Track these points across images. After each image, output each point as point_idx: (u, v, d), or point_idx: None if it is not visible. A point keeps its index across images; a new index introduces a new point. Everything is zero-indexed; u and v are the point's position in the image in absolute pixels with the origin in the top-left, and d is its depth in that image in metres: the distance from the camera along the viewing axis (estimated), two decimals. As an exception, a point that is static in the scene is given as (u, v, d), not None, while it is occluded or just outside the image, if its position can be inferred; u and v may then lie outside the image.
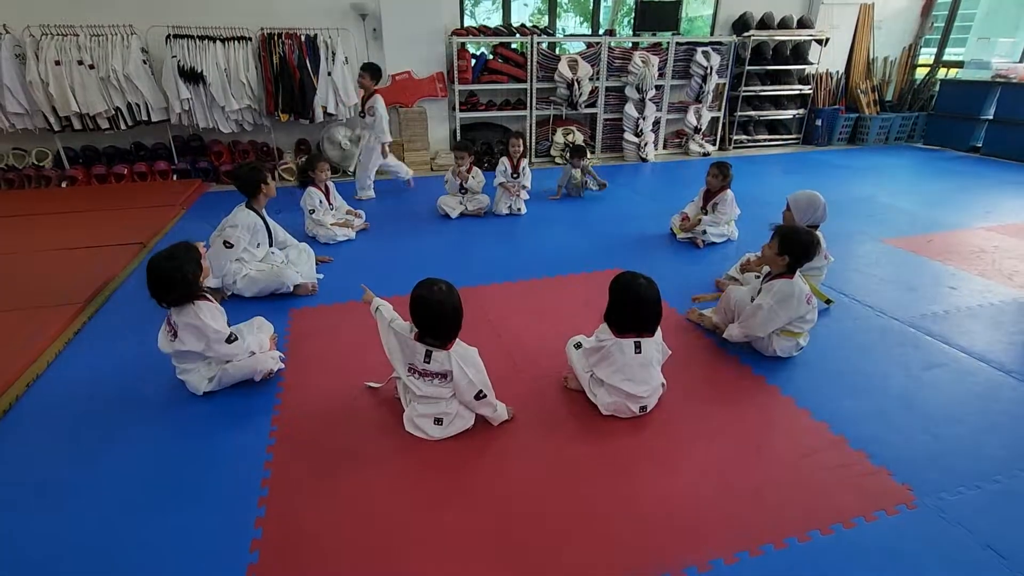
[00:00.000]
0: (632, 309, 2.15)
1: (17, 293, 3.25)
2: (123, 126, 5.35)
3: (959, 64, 7.85)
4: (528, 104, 6.56)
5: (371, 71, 5.07)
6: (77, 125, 5.23)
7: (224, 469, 1.99)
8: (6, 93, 4.93)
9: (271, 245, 3.38)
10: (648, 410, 2.24)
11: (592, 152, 6.82)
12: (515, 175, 4.78)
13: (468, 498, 1.87)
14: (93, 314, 3.11)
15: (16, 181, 5.38)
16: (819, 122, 7.70)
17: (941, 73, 7.93)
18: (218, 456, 2.05)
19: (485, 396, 2.07)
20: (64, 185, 5.43)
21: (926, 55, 8.15)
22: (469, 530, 1.74)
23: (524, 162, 4.78)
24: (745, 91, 7.26)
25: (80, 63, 5.01)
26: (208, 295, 2.32)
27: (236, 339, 2.32)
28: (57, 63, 4.96)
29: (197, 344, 2.24)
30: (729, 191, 4.02)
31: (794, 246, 2.48)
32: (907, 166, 6.76)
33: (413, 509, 1.82)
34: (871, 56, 7.91)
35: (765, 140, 7.78)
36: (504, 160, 4.78)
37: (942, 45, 8.01)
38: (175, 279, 2.16)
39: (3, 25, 4.93)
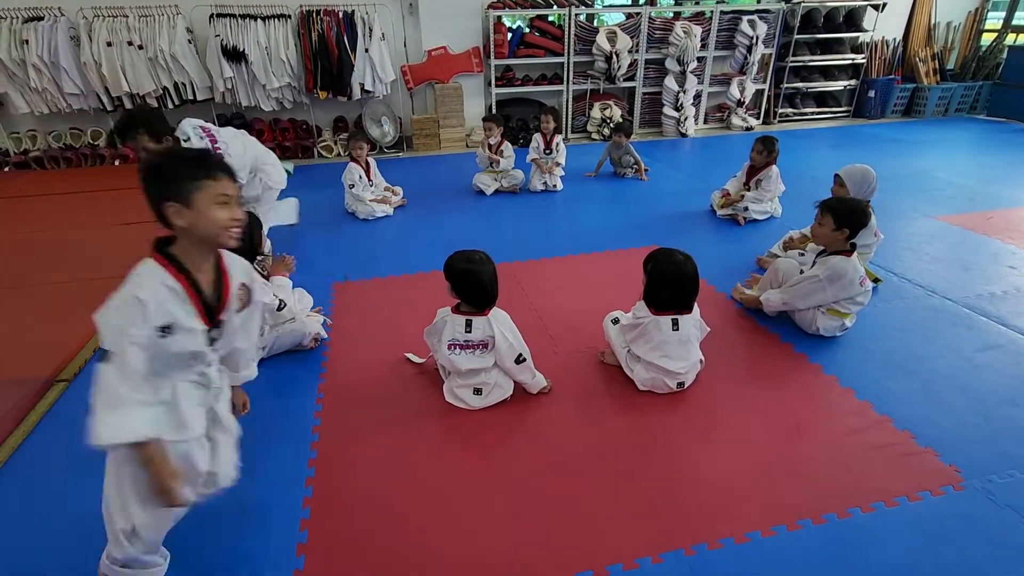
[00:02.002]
0: (670, 287, 2.13)
1: (82, 265, 3.46)
2: (170, 105, 5.53)
3: (1030, 29, 7.30)
4: (565, 78, 6.45)
5: (149, 130, 2.59)
6: (128, 104, 5.44)
7: (276, 431, 2.09)
8: (63, 74, 5.15)
9: None
10: (686, 386, 2.24)
11: (630, 130, 6.67)
12: (548, 151, 4.73)
13: (506, 465, 1.92)
14: (150, 285, 3.28)
15: (74, 159, 5.65)
16: (872, 93, 7.30)
17: (1010, 39, 7.38)
18: (269, 419, 2.16)
19: (525, 360, 2.12)
20: (117, 163, 5.68)
21: (994, 19, 7.59)
22: (507, 495, 1.79)
23: (558, 138, 4.72)
24: (793, 61, 6.94)
25: (130, 44, 5.18)
26: (258, 267, 2.43)
27: (285, 306, 2.44)
28: (109, 44, 5.14)
29: None
30: (774, 167, 3.90)
31: (850, 216, 2.39)
32: (968, 139, 6.38)
33: (452, 474, 1.89)
34: (932, 21, 7.42)
35: (813, 113, 7.45)
36: (537, 136, 4.73)
37: (1012, 8, 7.44)
38: (242, 241, 2.28)
39: (59, 8, 5.13)
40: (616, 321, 2.42)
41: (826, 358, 2.45)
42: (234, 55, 5.35)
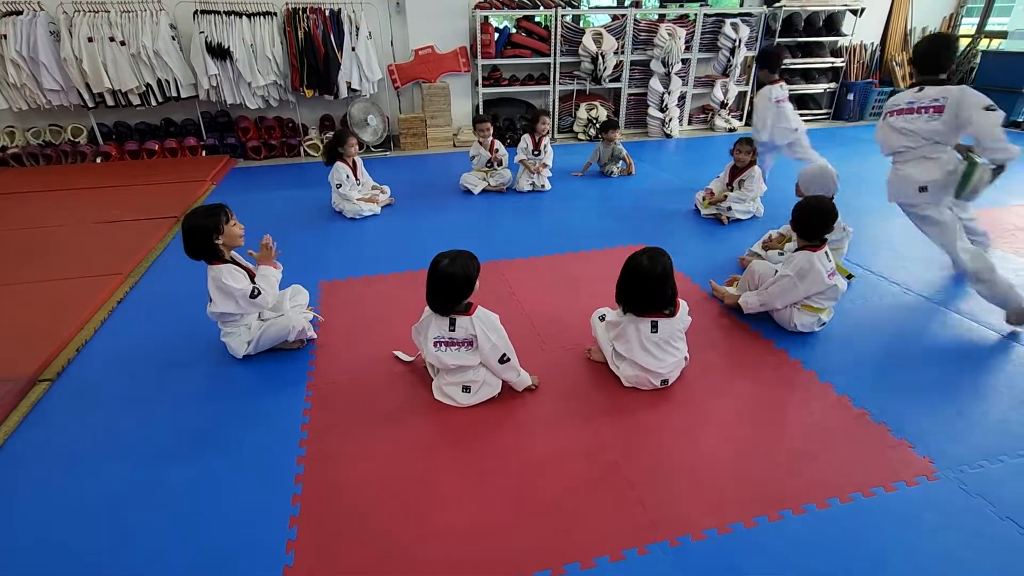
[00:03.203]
0: (637, 288, 2.16)
1: (63, 264, 3.41)
2: (154, 102, 5.45)
3: (1003, 35, 7.49)
4: (551, 79, 6.49)
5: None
6: (110, 101, 5.35)
7: (264, 431, 2.09)
8: (42, 70, 5.05)
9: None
10: (670, 383, 2.28)
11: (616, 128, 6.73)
12: (536, 152, 4.77)
13: (494, 461, 1.95)
14: (134, 284, 3.25)
15: (54, 156, 5.55)
16: (851, 96, 7.45)
17: (983, 44, 7.58)
18: (259, 418, 2.16)
19: (509, 360, 2.15)
20: (99, 161, 5.59)
21: (967, 25, 7.79)
22: (495, 491, 1.82)
23: (546, 140, 4.76)
24: (774, 64, 7.06)
25: (112, 40, 5.10)
26: (233, 259, 2.43)
27: (259, 294, 2.41)
28: (90, 40, 5.05)
29: (228, 304, 2.36)
30: (757, 167, 3.99)
31: (797, 214, 2.54)
32: (942, 142, 6.53)
33: (441, 471, 1.91)
34: (909, 27, 7.59)
35: (794, 115, 7.57)
36: (526, 137, 4.77)
37: (985, 14, 7.65)
38: (198, 231, 2.30)
39: (38, 2, 5.03)
40: (603, 318, 2.46)
41: (805, 354, 2.51)
42: (219, 52, 5.29)
